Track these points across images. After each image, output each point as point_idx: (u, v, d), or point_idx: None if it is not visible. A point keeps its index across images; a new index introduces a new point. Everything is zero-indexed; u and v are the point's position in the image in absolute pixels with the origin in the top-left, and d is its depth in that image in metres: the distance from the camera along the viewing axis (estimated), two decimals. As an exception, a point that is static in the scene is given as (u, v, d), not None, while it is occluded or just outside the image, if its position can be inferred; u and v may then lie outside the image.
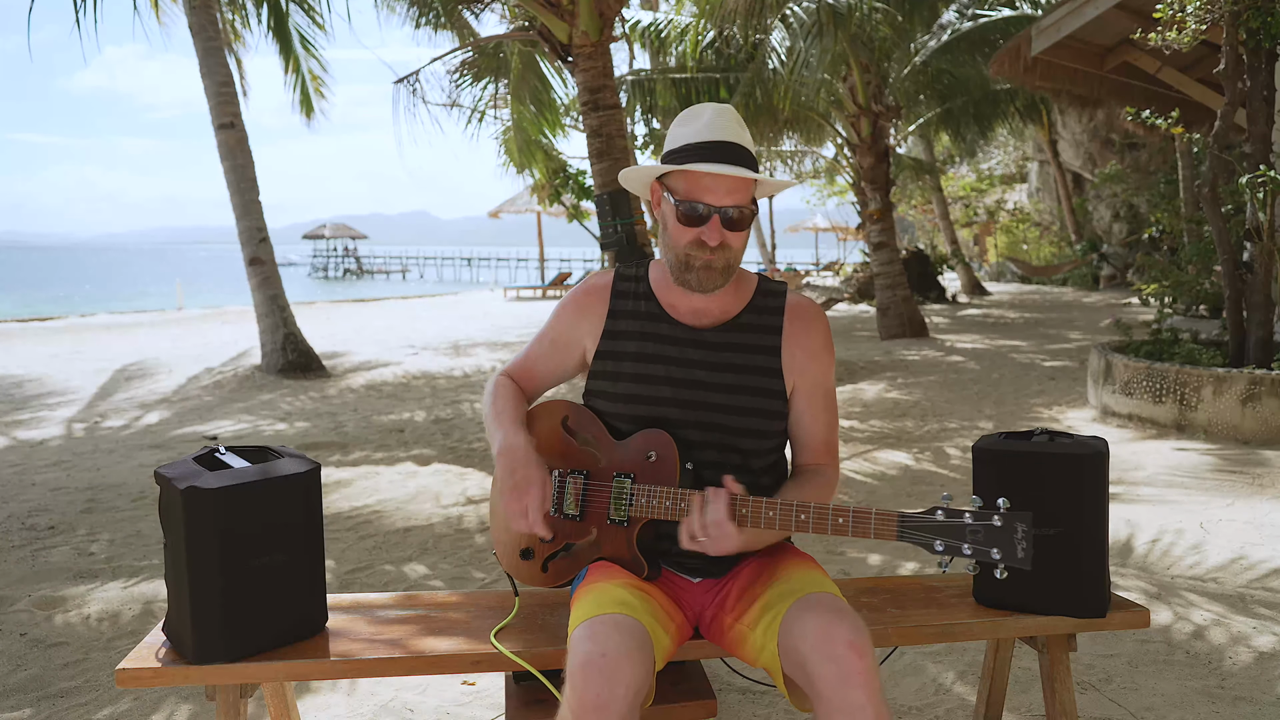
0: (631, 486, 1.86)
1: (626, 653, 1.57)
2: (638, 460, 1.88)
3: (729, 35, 11.36)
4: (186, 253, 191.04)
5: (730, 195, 1.80)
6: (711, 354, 1.92)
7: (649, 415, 1.91)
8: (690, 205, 1.81)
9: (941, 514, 1.60)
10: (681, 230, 1.83)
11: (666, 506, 1.81)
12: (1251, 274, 6.38)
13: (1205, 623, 3.16)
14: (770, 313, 1.96)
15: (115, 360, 11.66)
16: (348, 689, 2.85)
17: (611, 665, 1.55)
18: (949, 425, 6.69)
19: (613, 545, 1.89)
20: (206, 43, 10.20)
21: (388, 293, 34.16)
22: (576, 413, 1.98)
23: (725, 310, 1.94)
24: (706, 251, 1.82)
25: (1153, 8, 6.19)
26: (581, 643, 1.60)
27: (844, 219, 34.72)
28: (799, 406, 1.96)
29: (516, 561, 1.99)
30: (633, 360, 1.95)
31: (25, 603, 3.59)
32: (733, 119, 1.85)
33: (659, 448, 1.87)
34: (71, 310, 24.69)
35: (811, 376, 1.95)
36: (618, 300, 2.00)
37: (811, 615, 1.65)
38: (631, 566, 1.88)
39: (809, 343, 1.95)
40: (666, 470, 1.85)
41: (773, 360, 1.93)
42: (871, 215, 12.83)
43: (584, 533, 1.92)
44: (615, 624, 1.63)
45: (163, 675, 1.81)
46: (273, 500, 1.86)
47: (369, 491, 5.22)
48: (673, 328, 1.94)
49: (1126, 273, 21.23)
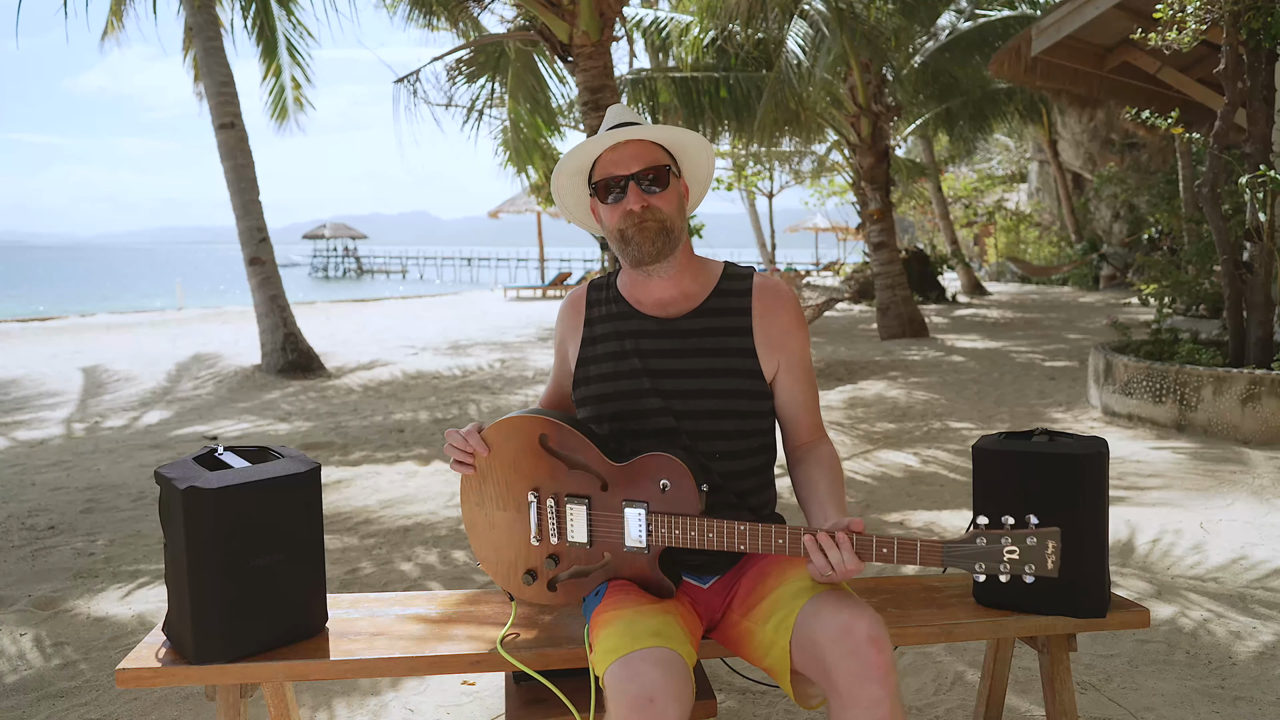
0: (648, 516, 1.79)
1: (673, 693, 1.56)
2: (649, 488, 1.80)
3: (731, 34, 11.36)
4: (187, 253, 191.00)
5: (637, 161, 1.89)
6: (682, 341, 1.95)
7: (633, 409, 1.94)
8: (605, 183, 1.92)
9: (983, 540, 1.62)
10: (609, 210, 1.94)
11: (692, 537, 1.76)
12: (1251, 274, 6.38)
13: (1205, 623, 3.16)
14: (737, 295, 1.99)
15: (115, 360, 11.66)
16: (347, 689, 2.85)
17: (660, 710, 1.54)
18: (949, 425, 6.69)
19: (633, 569, 1.84)
20: (206, 43, 10.21)
21: (388, 293, 34.15)
22: (557, 432, 1.87)
23: (690, 297, 1.99)
24: (635, 219, 1.89)
25: (1153, 8, 6.18)
26: (625, 685, 1.57)
27: (844, 219, 34.73)
28: (783, 385, 1.98)
29: (519, 584, 1.93)
30: (610, 360, 1.98)
31: (25, 603, 3.59)
32: (627, 110, 1.99)
33: (672, 475, 1.78)
34: (71, 310, 24.68)
35: (789, 353, 1.98)
36: (591, 308, 2.07)
37: (830, 610, 1.66)
38: (655, 588, 1.83)
39: (781, 320, 1.97)
40: (686, 499, 1.77)
41: (745, 340, 1.95)
42: (871, 215, 12.83)
43: (596, 558, 1.87)
44: (655, 660, 1.61)
45: (163, 675, 1.81)
46: (273, 500, 1.86)
47: (369, 491, 5.21)
48: (642, 321, 1.98)
49: (1126, 273, 21.23)
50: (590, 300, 2.08)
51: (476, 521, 1.96)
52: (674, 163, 1.97)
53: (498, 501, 1.92)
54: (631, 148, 1.91)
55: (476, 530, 1.97)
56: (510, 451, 1.90)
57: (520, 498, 1.90)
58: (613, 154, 1.92)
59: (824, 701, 1.72)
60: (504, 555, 1.94)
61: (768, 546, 1.71)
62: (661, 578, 1.82)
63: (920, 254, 19.82)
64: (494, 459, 1.91)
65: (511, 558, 1.93)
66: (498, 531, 1.93)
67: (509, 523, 1.92)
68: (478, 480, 1.94)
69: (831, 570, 1.65)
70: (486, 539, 1.95)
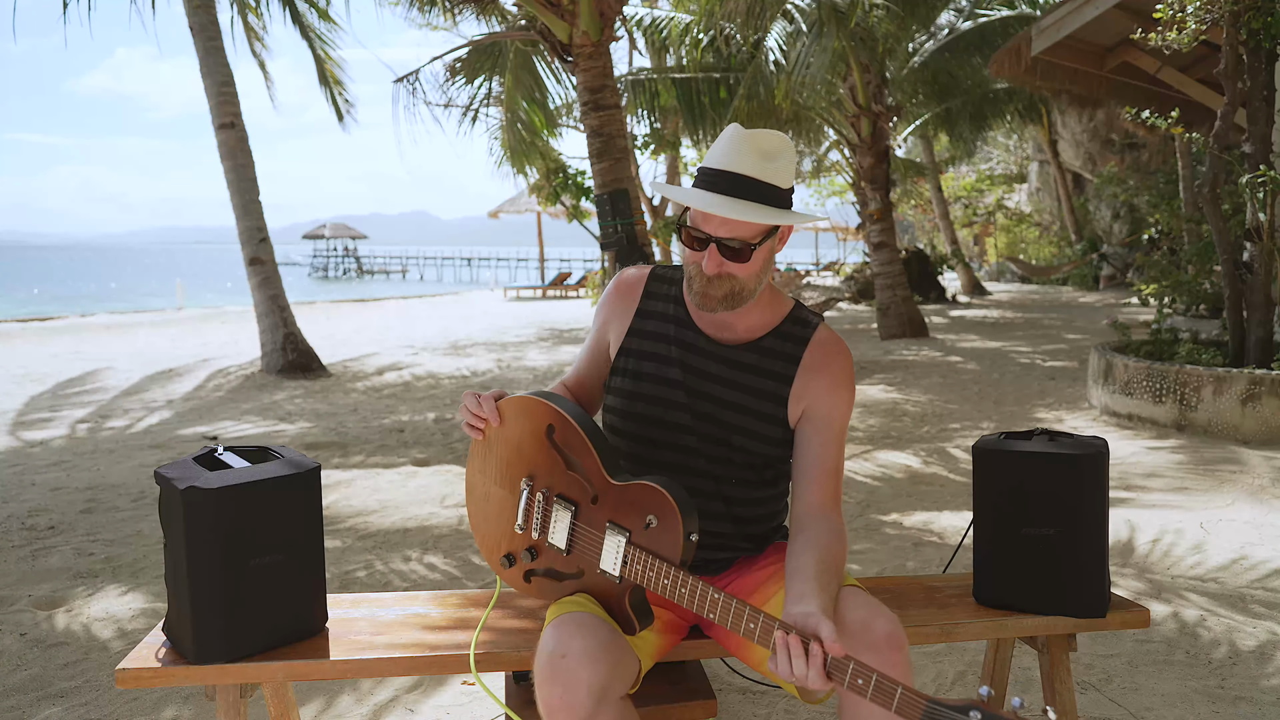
0: (626, 547, 1.70)
1: (587, 653, 1.58)
2: (635, 517, 1.71)
3: (729, 34, 11.37)
4: (187, 253, 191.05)
5: (726, 227, 1.74)
6: (728, 370, 1.90)
7: (660, 417, 1.91)
8: (692, 229, 1.80)
9: (977, 714, 1.35)
10: (688, 252, 1.84)
11: (665, 585, 1.65)
12: (1251, 274, 6.38)
13: (1206, 623, 3.16)
14: (794, 341, 1.91)
15: (115, 360, 11.66)
16: (348, 689, 2.85)
17: (571, 666, 1.56)
18: (949, 425, 6.69)
19: (601, 589, 1.76)
20: (207, 43, 10.20)
21: (388, 293, 34.16)
22: (564, 427, 1.81)
23: (750, 330, 1.91)
24: (706, 277, 1.80)
25: (1153, 8, 6.19)
26: (545, 644, 1.62)
27: (844, 219, 34.72)
28: (805, 440, 1.88)
29: (498, 563, 1.92)
30: (653, 361, 1.94)
31: (25, 603, 3.59)
32: (753, 148, 1.75)
33: (660, 514, 1.67)
34: (72, 310, 24.69)
35: (823, 410, 1.88)
36: (648, 300, 1.99)
37: (846, 606, 1.66)
38: (619, 619, 1.73)
39: (825, 378, 1.88)
40: (667, 543, 1.67)
41: (782, 388, 1.88)
42: (871, 215, 12.83)
43: (570, 565, 1.80)
44: (579, 623, 1.63)
45: (163, 675, 1.81)
46: (273, 500, 1.86)
47: (369, 491, 5.21)
48: (696, 336, 1.93)
49: (1126, 273, 21.23)
50: (649, 291, 1.99)
51: (475, 487, 1.96)
52: (773, 229, 1.80)
53: (496, 476, 1.91)
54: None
55: (474, 495, 1.96)
56: (518, 430, 1.87)
57: (515, 480, 1.87)
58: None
59: (829, 695, 1.72)
60: (491, 529, 1.93)
61: (737, 626, 1.56)
62: (627, 612, 1.72)
63: (920, 254, 19.83)
64: (502, 432, 1.89)
65: (497, 535, 1.91)
66: (491, 504, 1.93)
67: (501, 500, 1.90)
68: (485, 447, 1.93)
69: (791, 676, 1.47)
70: (480, 508, 1.95)
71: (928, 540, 4.16)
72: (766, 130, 1.80)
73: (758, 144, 1.76)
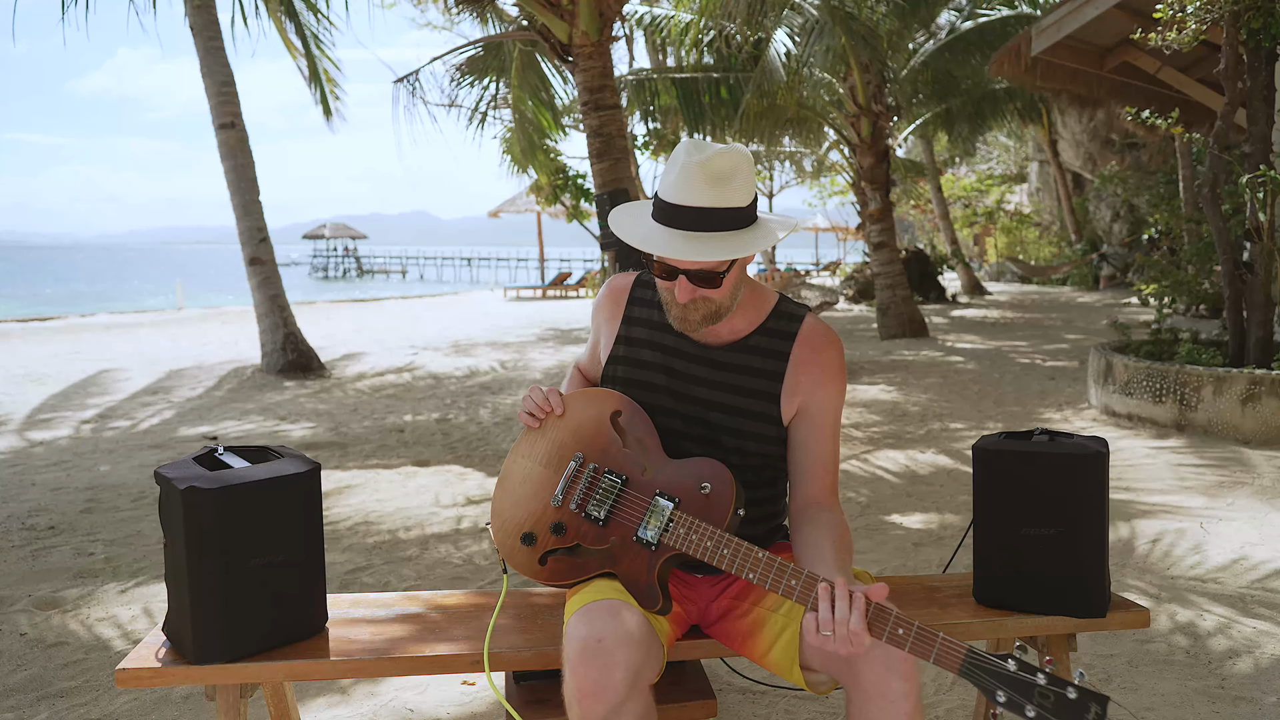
0: (673, 512, 1.73)
1: (623, 636, 1.58)
2: (689, 486, 1.75)
3: (729, 34, 11.36)
4: (187, 253, 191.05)
5: (691, 259, 1.73)
6: (715, 372, 1.90)
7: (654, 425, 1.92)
8: (659, 261, 1.79)
9: (1013, 663, 1.43)
10: (660, 280, 1.84)
11: (706, 547, 1.68)
12: (1251, 274, 6.38)
13: (1206, 623, 3.16)
14: (781, 337, 1.90)
15: (116, 360, 11.66)
16: (348, 689, 2.85)
17: (608, 649, 1.56)
18: (949, 425, 6.69)
19: (630, 563, 1.75)
20: (207, 42, 10.20)
21: (388, 292, 34.14)
22: (630, 412, 1.88)
23: (735, 330, 1.91)
24: (680, 304, 1.81)
25: (1153, 8, 6.18)
26: (577, 629, 1.61)
27: (844, 219, 34.73)
28: (799, 434, 1.89)
29: (515, 545, 1.88)
30: (641, 368, 1.95)
31: (25, 603, 3.59)
32: (705, 176, 1.70)
33: (716, 482, 1.73)
34: (72, 310, 24.68)
35: (816, 403, 1.88)
36: (633, 306, 2.00)
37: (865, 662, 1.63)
38: (643, 595, 1.73)
39: (816, 370, 1.88)
40: (718, 509, 1.71)
41: (774, 385, 1.88)
42: (871, 215, 12.83)
43: (601, 539, 1.79)
44: (610, 609, 1.63)
45: (163, 675, 1.81)
46: (273, 500, 1.86)
47: (369, 491, 5.21)
48: (680, 340, 1.92)
49: (1126, 273, 21.23)
50: (634, 297, 2.00)
51: (512, 473, 1.96)
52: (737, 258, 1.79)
53: (543, 457, 1.93)
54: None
55: (506, 482, 1.97)
56: (580, 417, 1.93)
57: (564, 459, 1.89)
58: None
59: (833, 689, 1.72)
60: (518, 510, 1.91)
61: (776, 585, 1.60)
62: (655, 585, 1.74)
63: (920, 254, 19.82)
64: (562, 420, 1.94)
65: (524, 515, 1.89)
66: (527, 485, 1.92)
67: (541, 479, 1.91)
68: (537, 434, 1.96)
69: (832, 628, 1.50)
70: (509, 491, 1.95)
71: (928, 540, 4.16)
72: (718, 149, 1.72)
73: (710, 170, 1.71)
